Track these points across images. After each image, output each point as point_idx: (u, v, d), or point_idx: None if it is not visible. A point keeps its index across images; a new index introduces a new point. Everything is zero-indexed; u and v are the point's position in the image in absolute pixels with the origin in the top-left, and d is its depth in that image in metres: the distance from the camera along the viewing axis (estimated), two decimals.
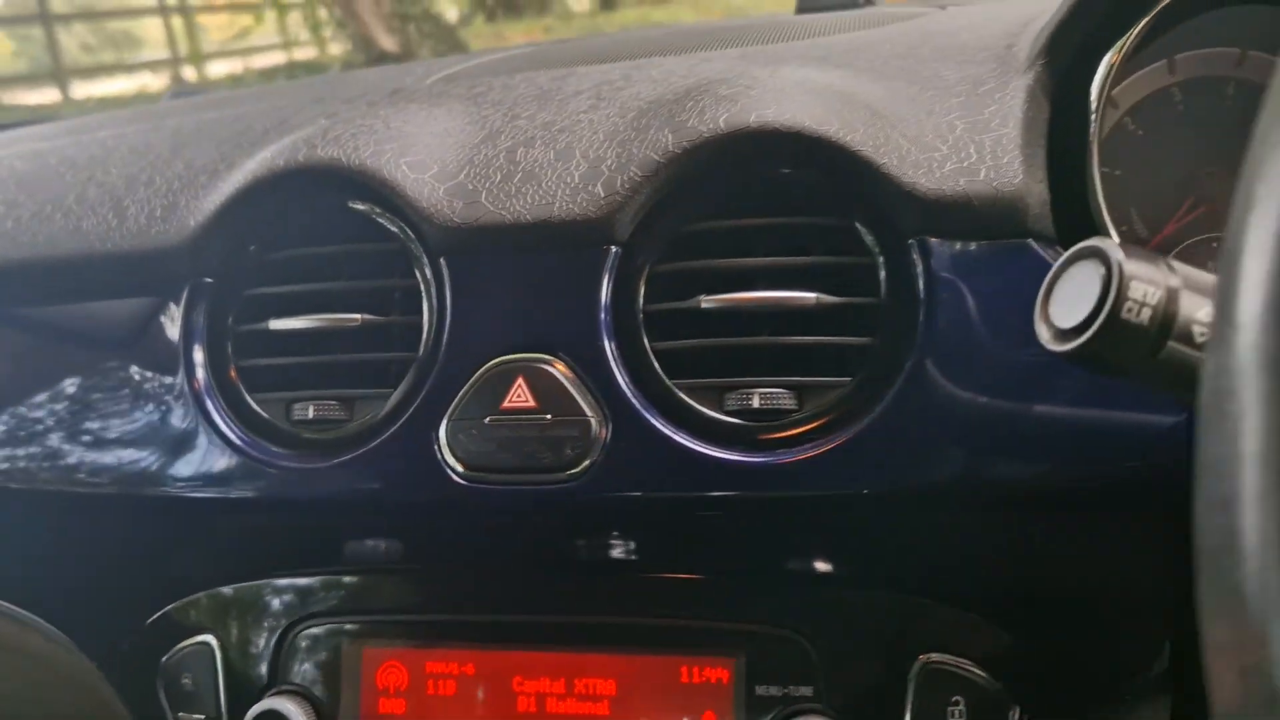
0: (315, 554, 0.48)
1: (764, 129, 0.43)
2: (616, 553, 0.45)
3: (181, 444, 0.48)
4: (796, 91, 0.46)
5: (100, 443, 0.50)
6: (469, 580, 0.47)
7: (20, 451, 0.51)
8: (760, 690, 0.43)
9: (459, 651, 0.46)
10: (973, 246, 0.42)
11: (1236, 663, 0.19)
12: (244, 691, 0.48)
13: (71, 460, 0.50)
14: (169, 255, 0.50)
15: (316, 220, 0.49)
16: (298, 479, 0.46)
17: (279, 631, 0.48)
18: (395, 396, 0.46)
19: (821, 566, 0.44)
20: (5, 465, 0.51)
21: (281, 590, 0.48)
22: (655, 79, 0.52)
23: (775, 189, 0.44)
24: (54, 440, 0.50)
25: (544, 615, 0.46)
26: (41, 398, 0.51)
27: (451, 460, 0.44)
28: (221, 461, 0.47)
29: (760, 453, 0.42)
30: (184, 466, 0.48)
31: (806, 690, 0.43)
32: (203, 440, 0.48)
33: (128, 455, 0.49)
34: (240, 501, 0.47)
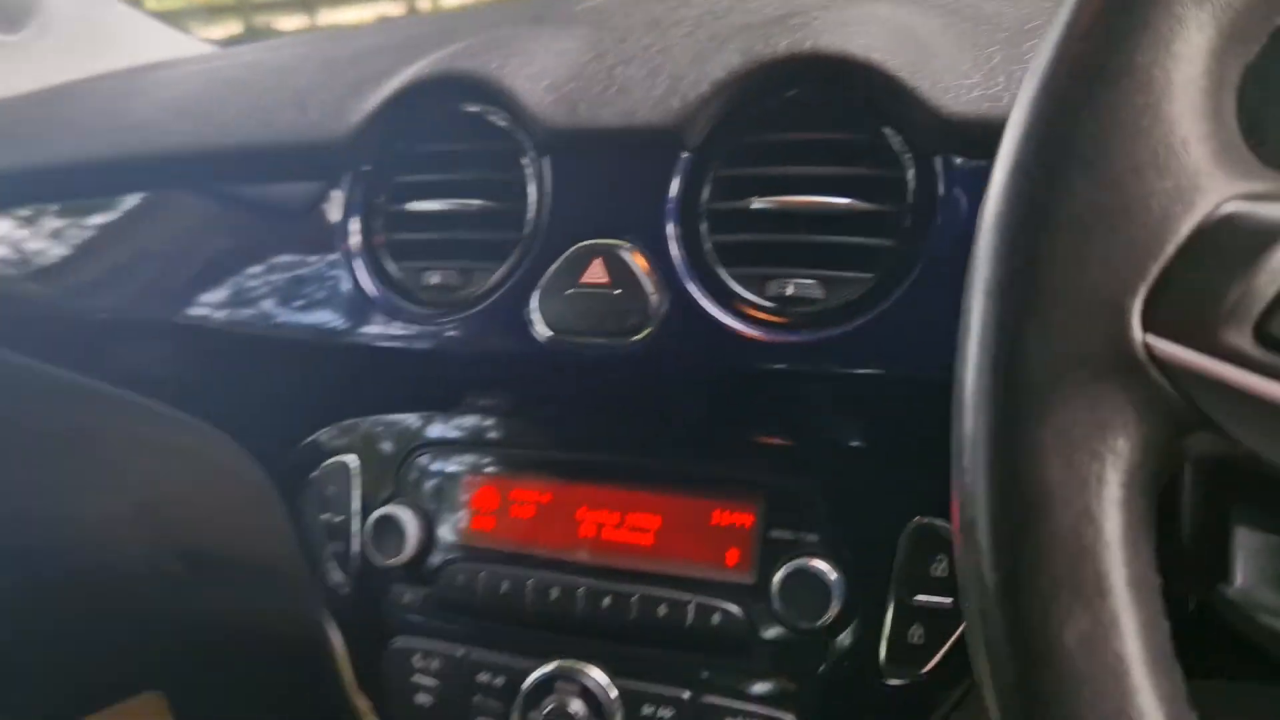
0: (431, 394, 0.59)
1: (816, 54, 0.50)
2: (667, 407, 0.54)
3: (335, 297, 0.60)
4: (856, 23, 0.52)
5: (274, 294, 0.62)
6: (549, 424, 0.57)
7: (214, 299, 0.65)
8: (775, 534, 0.51)
9: (537, 482, 0.56)
10: (989, 164, 0.47)
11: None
12: (371, 500, 0.60)
13: (251, 306, 0.62)
14: (336, 146, 0.61)
15: (451, 121, 0.59)
16: (421, 331, 0.57)
17: (400, 456, 0.59)
18: (501, 270, 0.55)
19: (834, 433, 0.51)
20: (202, 311, 0.65)
21: (404, 423, 0.60)
22: (750, 9, 0.58)
23: (824, 107, 0.51)
24: (240, 290, 0.63)
25: (606, 455, 0.55)
26: (233, 257, 0.64)
27: (539, 322, 0.53)
28: (364, 313, 0.59)
29: (787, 332, 0.49)
30: (335, 315, 0.59)
31: (813, 537, 0.50)
32: (351, 295, 0.59)
33: (294, 305, 0.61)
34: (376, 347, 0.58)
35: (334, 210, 0.62)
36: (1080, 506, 0.24)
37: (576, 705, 0.52)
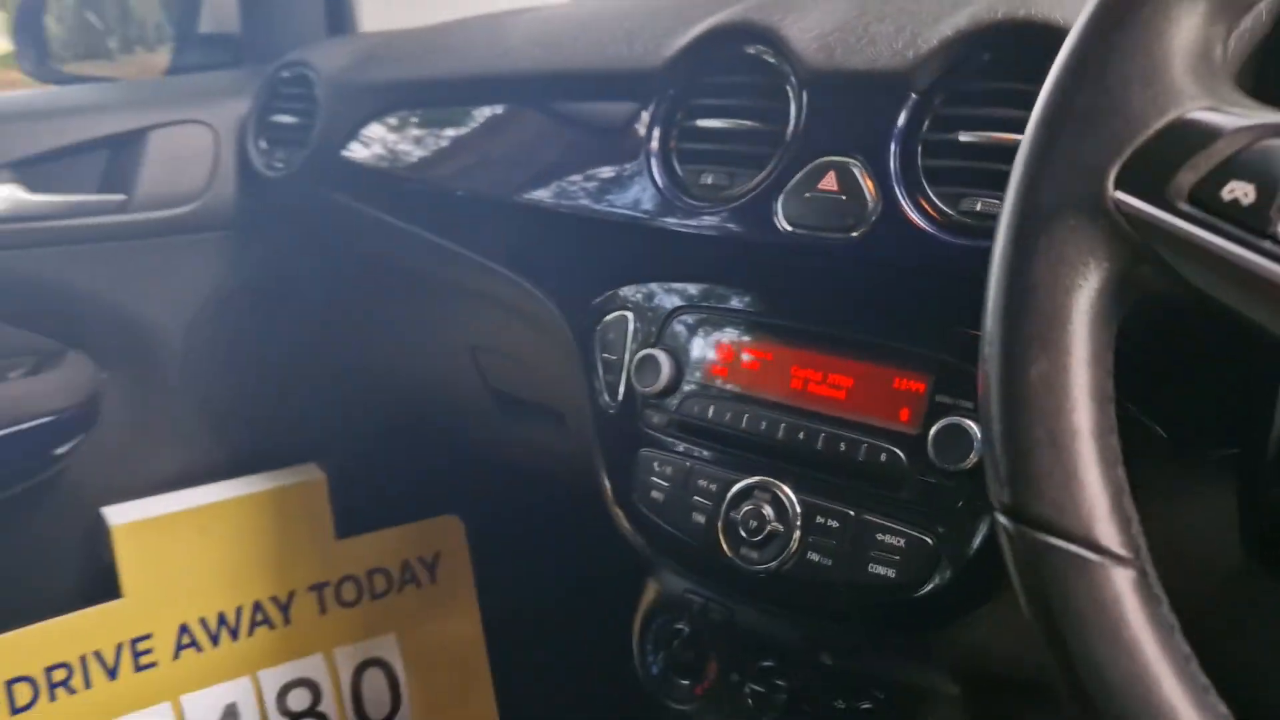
0: (693, 269, 0.76)
1: (1027, 20, 0.62)
2: (872, 292, 0.68)
3: (632, 191, 0.79)
4: None
5: (587, 186, 0.82)
6: (779, 299, 0.72)
7: (544, 187, 0.85)
8: (939, 399, 0.64)
9: (764, 343, 0.72)
10: None
11: None
12: (639, 344, 0.78)
13: (569, 193, 0.82)
14: (652, 73, 0.79)
15: (737, 58, 0.76)
16: (694, 219, 0.74)
17: (664, 314, 0.77)
18: (759, 176, 0.72)
19: None
20: (534, 195, 0.85)
21: (671, 290, 0.77)
22: None
23: (1032, 60, 0.63)
24: (563, 181, 0.84)
25: (819, 327, 0.70)
26: (560, 158, 0.85)
27: (781, 217, 0.69)
28: (653, 202, 0.77)
29: (972, 239, 0.62)
30: (631, 204, 0.78)
31: (968, 404, 0.63)
32: (648, 187, 0.78)
33: (600, 195, 0.81)
34: (659, 229, 0.76)
35: (639, 128, 0.80)
36: (1058, 295, 0.37)
37: (768, 510, 0.68)
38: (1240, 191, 0.35)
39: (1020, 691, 0.71)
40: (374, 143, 1.07)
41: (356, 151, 1.08)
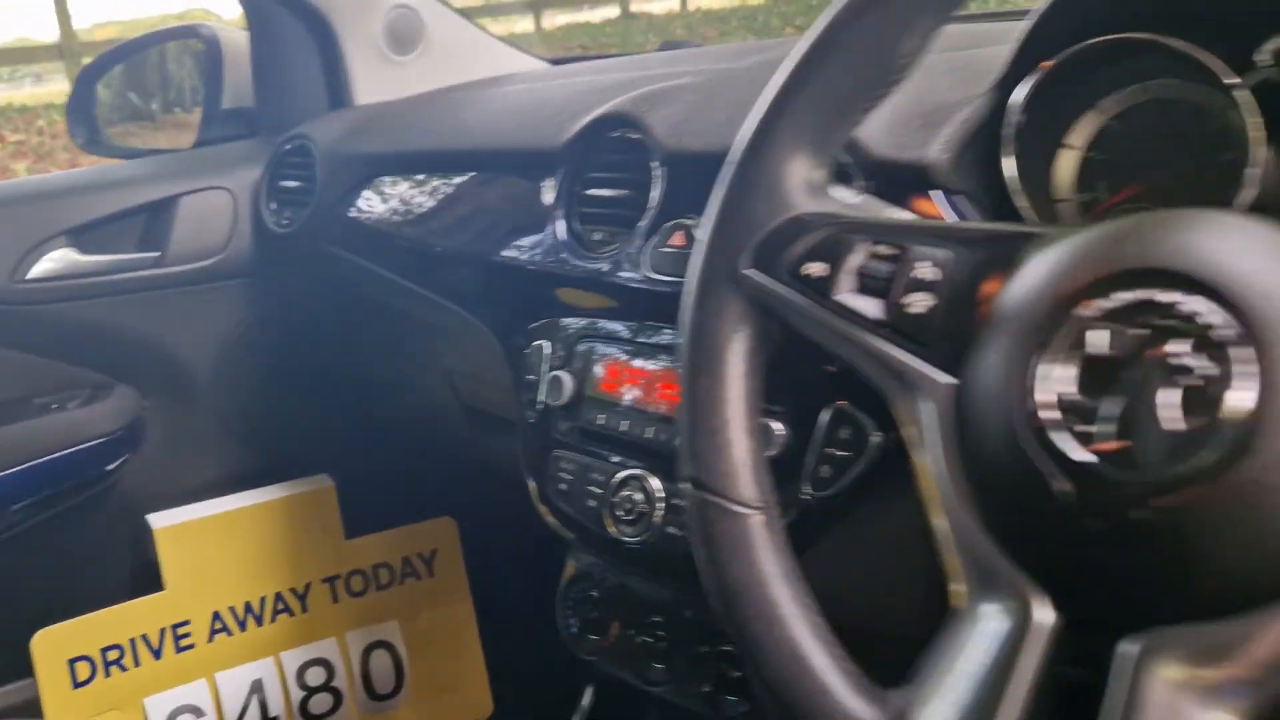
0: (589, 306, 0.96)
1: None
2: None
3: (549, 244, 0.99)
4: None
5: (516, 236, 1.02)
6: (650, 329, 0.92)
7: (489, 240, 1.06)
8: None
9: (640, 365, 0.91)
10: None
11: None
12: (552, 366, 0.98)
13: (501, 244, 1.03)
14: (556, 152, 1.00)
15: (618, 141, 0.96)
16: (586, 266, 0.94)
17: (570, 341, 0.97)
18: (631, 234, 0.91)
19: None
20: (476, 247, 1.06)
21: (575, 323, 0.97)
22: None
23: None
24: (497, 231, 1.04)
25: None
26: (499, 214, 1.05)
27: (646, 266, 0.89)
28: (559, 253, 0.97)
29: None
30: (544, 254, 0.98)
31: (778, 408, 0.82)
32: (555, 242, 0.98)
33: (526, 245, 1.01)
34: (564, 275, 0.96)
35: (549, 195, 1.01)
36: (716, 339, 0.56)
37: (639, 495, 0.88)
38: (817, 268, 0.54)
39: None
40: (360, 204, 1.29)
41: (347, 211, 1.30)
